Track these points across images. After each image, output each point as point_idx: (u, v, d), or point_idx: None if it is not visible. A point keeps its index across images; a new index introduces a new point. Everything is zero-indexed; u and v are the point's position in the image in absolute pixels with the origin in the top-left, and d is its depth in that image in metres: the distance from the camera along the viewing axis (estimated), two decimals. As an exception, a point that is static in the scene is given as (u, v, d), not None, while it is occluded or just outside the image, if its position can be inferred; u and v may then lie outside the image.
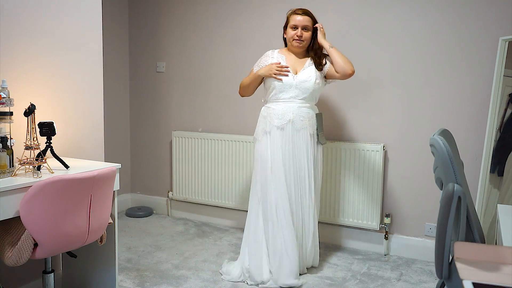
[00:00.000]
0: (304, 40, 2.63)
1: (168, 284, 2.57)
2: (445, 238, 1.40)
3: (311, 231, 2.66)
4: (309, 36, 2.65)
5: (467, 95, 2.79)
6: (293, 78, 2.60)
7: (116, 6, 3.86)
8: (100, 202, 1.94)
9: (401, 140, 2.99)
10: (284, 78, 2.59)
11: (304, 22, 2.61)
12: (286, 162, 2.58)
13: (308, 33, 2.63)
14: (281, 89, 2.60)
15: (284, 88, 2.60)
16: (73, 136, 2.51)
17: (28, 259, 1.78)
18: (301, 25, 2.60)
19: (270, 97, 2.66)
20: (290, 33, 2.64)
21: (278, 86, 2.60)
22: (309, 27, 2.62)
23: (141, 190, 4.09)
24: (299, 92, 2.60)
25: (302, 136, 2.60)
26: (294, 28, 2.62)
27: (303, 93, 2.60)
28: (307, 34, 2.63)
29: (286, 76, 2.59)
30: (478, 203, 2.57)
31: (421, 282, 2.64)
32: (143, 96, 3.99)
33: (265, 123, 2.64)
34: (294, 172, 2.59)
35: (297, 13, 2.63)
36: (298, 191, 2.61)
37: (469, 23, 2.75)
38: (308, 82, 2.59)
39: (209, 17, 3.61)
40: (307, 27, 2.62)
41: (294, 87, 2.59)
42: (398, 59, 2.96)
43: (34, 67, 2.30)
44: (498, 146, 2.60)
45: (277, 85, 2.60)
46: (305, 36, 2.62)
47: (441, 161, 1.48)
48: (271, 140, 2.60)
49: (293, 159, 2.59)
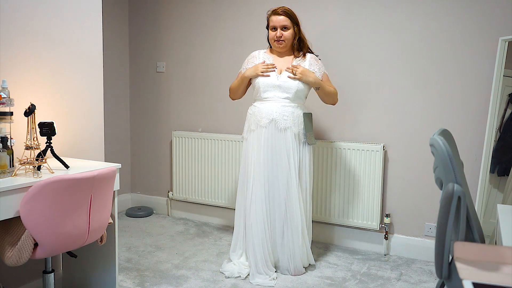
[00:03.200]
0: (285, 40, 2.62)
1: (168, 284, 2.57)
2: (445, 238, 1.40)
3: (299, 231, 2.63)
4: (290, 35, 2.63)
5: (467, 95, 2.79)
6: (276, 77, 2.62)
7: (116, 6, 3.86)
8: (100, 202, 1.94)
9: (401, 140, 2.99)
10: (267, 78, 2.61)
11: (283, 22, 2.59)
12: (265, 161, 2.60)
13: (288, 32, 2.61)
14: (265, 88, 2.62)
15: (267, 88, 2.62)
16: (73, 136, 2.51)
17: (28, 259, 1.78)
18: (279, 25, 2.60)
19: (257, 96, 2.69)
20: (270, 34, 2.66)
21: (262, 86, 2.62)
22: (288, 26, 2.60)
23: (141, 190, 4.08)
24: (282, 92, 2.60)
25: (285, 136, 2.58)
26: (273, 29, 2.63)
27: (287, 93, 2.60)
28: (287, 33, 2.61)
29: (273, 71, 2.62)
30: (478, 203, 2.57)
31: (421, 282, 2.64)
32: (143, 96, 3.99)
33: (250, 121, 2.68)
34: (271, 170, 2.60)
35: (276, 13, 2.62)
36: (275, 190, 2.61)
37: (469, 23, 2.75)
38: (291, 81, 2.59)
39: (209, 17, 3.61)
40: (287, 26, 2.60)
41: (278, 86, 2.60)
42: (398, 59, 2.96)
43: (34, 67, 2.30)
44: (498, 146, 2.60)
45: (261, 85, 2.62)
46: (286, 36, 2.61)
47: (441, 161, 1.48)
48: (254, 138, 2.63)
49: (271, 158, 2.60)
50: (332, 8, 3.13)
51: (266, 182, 2.61)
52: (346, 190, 3.09)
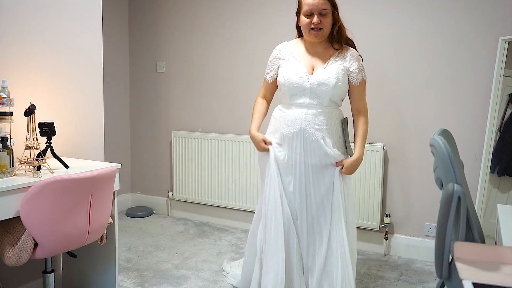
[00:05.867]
0: (323, 28, 2.08)
1: (168, 284, 2.57)
2: (445, 238, 1.40)
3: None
4: (329, 22, 2.09)
5: (467, 95, 2.79)
6: (307, 78, 2.08)
7: (116, 6, 3.86)
8: (100, 202, 1.94)
9: (401, 140, 2.99)
10: (296, 79, 2.08)
11: (321, 6, 2.04)
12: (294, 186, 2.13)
13: (328, 18, 2.07)
14: (292, 91, 2.10)
15: (295, 91, 2.10)
16: (73, 136, 2.51)
17: (28, 259, 1.78)
18: (317, 9, 2.04)
19: (284, 98, 2.20)
20: (304, 21, 2.09)
21: (288, 89, 2.11)
22: (327, 11, 2.06)
23: (141, 190, 4.08)
24: (314, 97, 2.08)
25: (318, 149, 2.08)
26: (308, 15, 2.07)
27: (320, 98, 2.08)
28: (326, 20, 2.07)
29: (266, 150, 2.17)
30: (478, 203, 2.57)
31: (421, 282, 2.64)
32: (143, 96, 3.99)
33: (274, 126, 2.22)
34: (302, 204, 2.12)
35: None
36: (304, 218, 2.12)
37: (469, 23, 2.75)
38: (326, 85, 2.05)
39: (209, 17, 3.61)
40: (326, 11, 2.06)
41: (308, 90, 2.07)
42: (398, 59, 2.96)
43: (34, 67, 2.30)
44: (498, 146, 2.60)
45: (287, 88, 2.11)
46: (325, 23, 2.07)
47: (441, 161, 1.48)
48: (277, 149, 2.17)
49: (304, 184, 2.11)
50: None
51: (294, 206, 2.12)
52: (346, 190, 3.09)
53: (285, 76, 2.12)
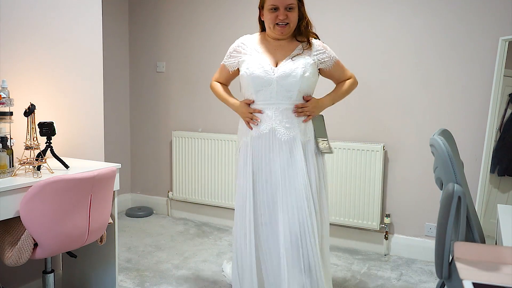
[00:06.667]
0: (290, 23, 1.96)
1: (168, 284, 2.57)
2: (445, 238, 1.40)
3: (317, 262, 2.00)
4: (296, 17, 1.97)
5: (467, 95, 2.79)
6: (272, 71, 1.95)
7: (116, 6, 3.86)
8: (100, 202, 1.94)
9: (401, 140, 2.99)
10: (260, 73, 1.95)
11: (287, 1, 1.92)
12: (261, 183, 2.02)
13: (294, 13, 1.96)
14: (258, 87, 1.97)
15: (261, 86, 1.96)
16: (73, 136, 2.51)
17: (28, 259, 1.78)
18: (283, 4, 1.92)
19: (247, 96, 2.06)
20: (268, 15, 1.97)
21: (253, 84, 1.97)
22: (294, 5, 1.95)
23: (141, 190, 4.08)
24: (282, 90, 1.95)
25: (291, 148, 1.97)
26: (273, 9, 1.95)
27: (288, 91, 1.95)
28: (293, 15, 1.95)
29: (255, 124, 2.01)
30: (478, 203, 2.57)
31: (421, 282, 2.64)
32: (143, 96, 3.99)
33: (243, 127, 2.09)
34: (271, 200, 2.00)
35: None
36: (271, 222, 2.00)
37: (469, 23, 2.75)
38: (293, 76, 1.93)
39: (209, 17, 3.61)
40: (292, 6, 1.94)
41: (275, 84, 1.94)
42: (398, 59, 2.96)
43: (34, 67, 2.30)
44: (498, 146, 2.60)
45: (252, 83, 1.97)
46: (291, 18, 1.95)
47: (441, 161, 1.48)
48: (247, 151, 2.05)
49: (269, 180, 1.99)
50: (332, 6, 3.12)
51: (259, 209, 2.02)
52: (346, 190, 3.09)
53: (247, 71, 1.98)
